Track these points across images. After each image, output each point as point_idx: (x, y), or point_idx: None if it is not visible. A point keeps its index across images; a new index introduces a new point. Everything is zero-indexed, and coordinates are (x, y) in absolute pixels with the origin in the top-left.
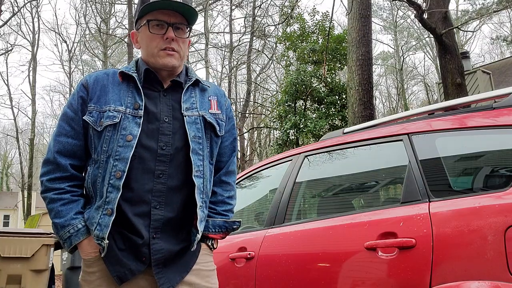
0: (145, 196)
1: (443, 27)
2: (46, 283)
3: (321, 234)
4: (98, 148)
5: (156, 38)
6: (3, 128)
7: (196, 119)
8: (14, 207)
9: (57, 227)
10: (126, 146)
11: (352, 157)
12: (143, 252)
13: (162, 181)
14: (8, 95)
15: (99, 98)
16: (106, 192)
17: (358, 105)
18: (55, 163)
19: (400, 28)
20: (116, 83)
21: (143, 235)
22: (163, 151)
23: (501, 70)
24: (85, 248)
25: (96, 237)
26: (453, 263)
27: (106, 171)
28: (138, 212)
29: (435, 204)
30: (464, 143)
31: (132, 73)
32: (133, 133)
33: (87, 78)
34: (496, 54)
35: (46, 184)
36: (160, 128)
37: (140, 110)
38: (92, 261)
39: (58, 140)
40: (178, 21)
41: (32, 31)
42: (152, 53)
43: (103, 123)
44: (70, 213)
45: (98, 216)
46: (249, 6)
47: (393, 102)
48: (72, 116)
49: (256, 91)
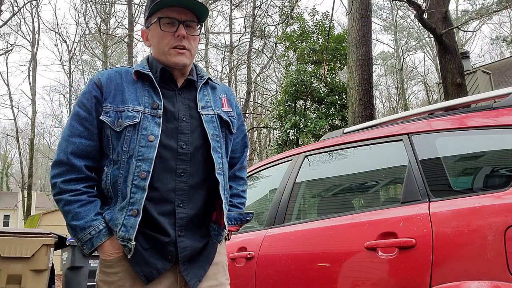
0: (169, 195)
1: (443, 27)
2: (46, 283)
3: (321, 234)
4: (117, 149)
5: (167, 36)
6: (3, 128)
7: (213, 118)
8: (14, 207)
9: (76, 230)
10: (149, 146)
11: (352, 157)
12: (169, 251)
13: (184, 180)
14: (8, 95)
15: (114, 98)
16: (130, 193)
17: (358, 105)
18: (69, 164)
19: (400, 28)
20: (130, 82)
21: (169, 233)
22: (183, 149)
23: (501, 70)
24: (107, 249)
25: (121, 239)
26: (453, 263)
27: (128, 171)
28: (163, 211)
29: (435, 204)
30: (464, 143)
31: (147, 72)
32: (154, 133)
33: (99, 77)
34: (496, 54)
35: (61, 185)
36: (179, 127)
37: (159, 109)
38: (114, 261)
39: (71, 141)
40: (189, 19)
41: (32, 31)
42: (163, 51)
43: (122, 123)
44: (89, 214)
45: (122, 217)
46: (249, 6)
47: (393, 102)
48: (86, 116)
49: (256, 91)
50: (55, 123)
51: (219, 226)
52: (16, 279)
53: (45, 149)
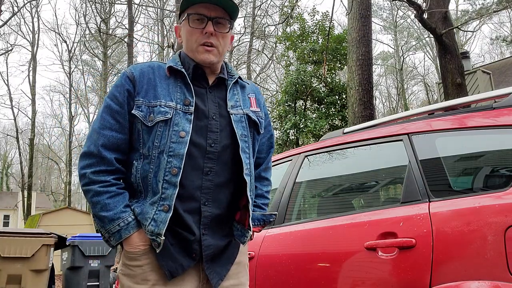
0: (195, 193)
1: (443, 27)
2: (46, 283)
3: (321, 234)
4: (148, 144)
5: (195, 33)
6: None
7: (241, 117)
8: (14, 207)
9: (104, 221)
10: (180, 142)
11: (352, 157)
12: (194, 248)
13: (210, 178)
14: (8, 95)
15: (147, 92)
16: (161, 188)
17: (358, 105)
18: (99, 156)
19: (400, 28)
20: (163, 78)
21: (194, 231)
22: (212, 148)
23: (501, 70)
24: (134, 241)
25: (151, 233)
26: (453, 263)
27: (159, 167)
28: (188, 208)
29: (435, 204)
30: (464, 143)
31: (180, 68)
32: (185, 129)
33: (132, 71)
34: (496, 54)
35: (91, 176)
36: (209, 126)
37: (191, 106)
38: (140, 254)
39: (103, 134)
40: (219, 15)
41: (32, 31)
42: (191, 48)
43: (153, 118)
44: (118, 206)
45: (152, 211)
46: (249, 6)
47: (393, 102)
48: (117, 109)
49: None
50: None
51: (243, 226)
52: (16, 279)
53: (45, 149)
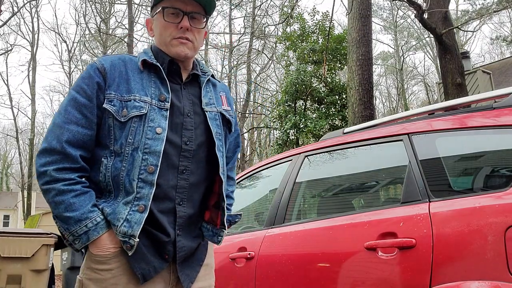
0: (170, 193)
1: (443, 27)
2: (46, 283)
3: (321, 234)
4: (120, 140)
5: (170, 27)
6: (3, 128)
7: (216, 115)
8: (14, 207)
9: (69, 222)
10: (156, 139)
11: (352, 157)
12: (168, 250)
13: (185, 177)
14: (8, 95)
15: (118, 86)
16: (136, 188)
17: (358, 105)
18: (63, 153)
19: (400, 28)
20: (135, 71)
21: (169, 232)
22: (187, 146)
23: (501, 70)
24: (104, 243)
25: (123, 234)
26: (453, 263)
27: (133, 164)
28: (163, 208)
29: (435, 204)
30: (464, 143)
31: (155, 62)
32: (162, 125)
33: (102, 62)
34: (496, 54)
35: (53, 174)
36: (184, 123)
37: (166, 102)
38: (109, 257)
39: (67, 128)
40: (195, 10)
41: (31, 31)
42: (164, 42)
43: (127, 113)
44: (85, 205)
45: (126, 211)
46: (249, 6)
47: (393, 102)
48: (85, 102)
49: (256, 91)
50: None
51: (215, 226)
52: (16, 279)
53: None
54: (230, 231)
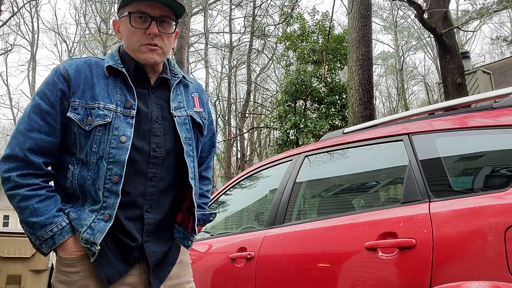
0: (138, 200)
1: (443, 27)
2: (46, 283)
3: (321, 234)
4: (86, 149)
5: (137, 33)
6: (3, 128)
7: (185, 119)
8: None
9: (35, 227)
10: (120, 148)
11: (352, 157)
12: (134, 255)
13: (154, 184)
14: (8, 95)
15: (83, 93)
16: (102, 197)
17: (358, 105)
18: (25, 160)
19: (400, 28)
20: (101, 77)
21: (136, 238)
22: (156, 153)
23: (501, 70)
24: (69, 247)
25: (85, 241)
26: (453, 263)
27: (98, 174)
28: (130, 215)
29: (435, 204)
30: (464, 143)
31: (120, 68)
32: (126, 134)
33: (66, 67)
34: (496, 54)
35: (16, 179)
36: (152, 129)
37: (132, 109)
38: (76, 260)
39: (29, 136)
40: (164, 14)
41: (31, 31)
42: (133, 48)
43: (91, 121)
44: (50, 210)
45: (90, 219)
46: (249, 5)
47: (393, 102)
48: (48, 110)
49: (256, 91)
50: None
51: (186, 229)
52: (16, 279)
53: None
54: (230, 231)
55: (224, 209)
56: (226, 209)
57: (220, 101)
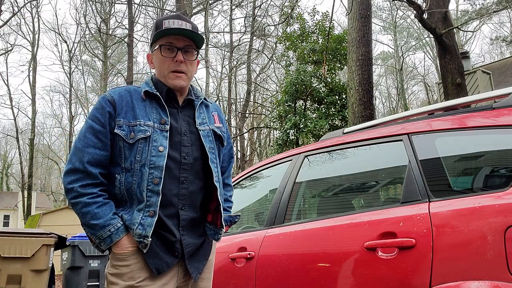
0: (173, 200)
1: (443, 27)
2: (46, 283)
3: (321, 234)
4: (130, 158)
5: (167, 61)
6: (3, 128)
7: (208, 133)
8: (14, 207)
9: (95, 228)
10: (159, 156)
11: (352, 157)
12: (176, 248)
13: (185, 186)
14: (8, 95)
15: (126, 113)
16: (146, 197)
17: (358, 105)
18: (85, 172)
19: (400, 28)
20: (139, 100)
21: (175, 233)
22: (186, 160)
23: (501, 70)
24: (124, 244)
25: (138, 235)
26: (453, 263)
27: (141, 178)
28: (168, 213)
29: (435, 204)
30: (464, 143)
31: (155, 92)
32: (163, 144)
33: (112, 95)
34: (496, 54)
35: (79, 190)
36: (182, 141)
37: (166, 125)
38: (128, 255)
39: (87, 151)
40: (187, 44)
41: (32, 31)
42: (163, 74)
43: (134, 136)
44: (107, 214)
45: (139, 217)
46: (249, 5)
47: (393, 102)
48: (100, 129)
49: (256, 91)
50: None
51: (216, 226)
52: (16, 279)
53: (45, 149)
54: (230, 231)
55: None
56: None
57: (220, 101)
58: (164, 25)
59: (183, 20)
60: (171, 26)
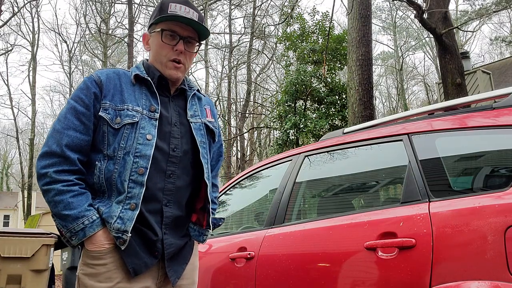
0: (158, 194)
1: (443, 27)
2: (46, 283)
3: (321, 234)
4: (113, 145)
5: (166, 48)
6: (3, 128)
7: (200, 126)
8: (14, 207)
9: (67, 219)
10: (147, 144)
11: (352, 157)
12: (157, 247)
13: (172, 181)
14: (8, 95)
15: (113, 96)
16: (127, 188)
17: (358, 105)
18: (63, 156)
19: (399, 28)
20: (129, 84)
21: (156, 231)
22: (174, 152)
23: (501, 70)
24: (99, 240)
25: (116, 230)
26: (453, 263)
27: (124, 167)
28: (151, 209)
29: (435, 204)
30: (464, 143)
31: (146, 77)
32: (151, 133)
33: (98, 75)
34: (496, 54)
35: (53, 175)
36: (171, 132)
37: (156, 113)
38: (104, 253)
39: (67, 134)
40: (190, 35)
41: (32, 31)
42: (160, 61)
43: (120, 121)
44: (82, 204)
45: (118, 210)
46: (249, 6)
47: (393, 102)
48: (83, 111)
49: (256, 91)
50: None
51: (201, 227)
52: (16, 279)
53: None
54: (230, 230)
55: (224, 209)
56: (226, 209)
57: (220, 101)
58: (170, 8)
59: (190, 8)
60: (177, 11)
